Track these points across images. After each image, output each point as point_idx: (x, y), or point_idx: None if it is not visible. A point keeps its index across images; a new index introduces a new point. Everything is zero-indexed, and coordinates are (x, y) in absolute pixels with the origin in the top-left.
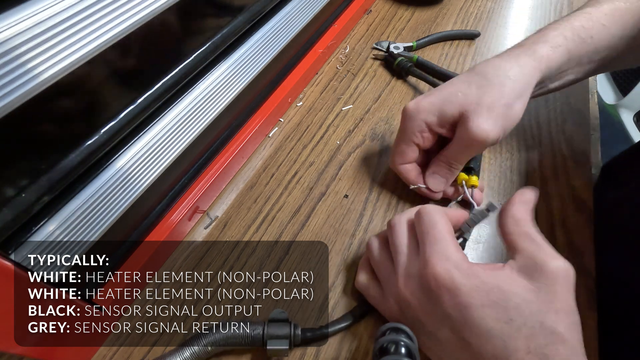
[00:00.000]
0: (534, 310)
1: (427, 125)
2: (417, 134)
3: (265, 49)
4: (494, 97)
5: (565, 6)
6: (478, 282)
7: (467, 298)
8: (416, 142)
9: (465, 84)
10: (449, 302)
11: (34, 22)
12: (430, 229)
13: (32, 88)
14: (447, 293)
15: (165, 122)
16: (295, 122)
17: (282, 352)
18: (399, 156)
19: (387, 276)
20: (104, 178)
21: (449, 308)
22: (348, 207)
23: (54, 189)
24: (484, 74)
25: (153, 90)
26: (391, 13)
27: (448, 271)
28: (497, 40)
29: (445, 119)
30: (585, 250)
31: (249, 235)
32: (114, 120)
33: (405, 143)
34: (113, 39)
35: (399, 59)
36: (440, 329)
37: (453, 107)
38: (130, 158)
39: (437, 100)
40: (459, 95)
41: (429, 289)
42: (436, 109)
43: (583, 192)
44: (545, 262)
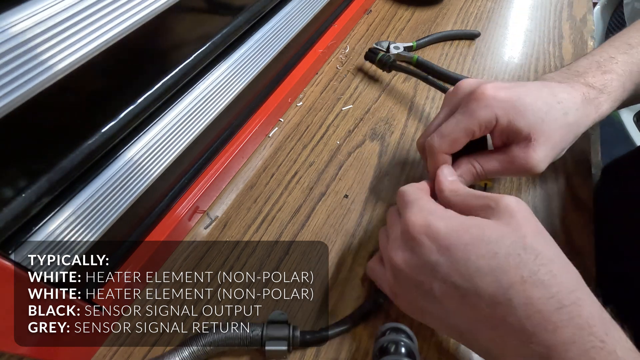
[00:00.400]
0: (513, 240)
1: (496, 123)
2: (483, 127)
3: (265, 49)
4: (562, 138)
5: (566, 6)
6: (455, 222)
7: (448, 239)
8: (476, 135)
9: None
10: (431, 248)
11: (34, 22)
12: (404, 198)
13: (31, 88)
14: (428, 238)
15: (165, 122)
16: (295, 122)
17: (280, 353)
18: (449, 143)
19: (383, 251)
20: (104, 178)
21: (433, 254)
22: (348, 207)
23: (54, 189)
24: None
25: (153, 90)
26: (391, 13)
27: (424, 218)
28: (497, 40)
29: (512, 129)
30: (585, 250)
31: (249, 235)
32: (114, 120)
33: (464, 130)
34: (112, 40)
35: (380, 54)
36: (432, 284)
37: (526, 123)
38: (130, 158)
39: (517, 102)
40: (538, 117)
41: (411, 241)
42: (513, 114)
43: (583, 191)
44: (497, 203)
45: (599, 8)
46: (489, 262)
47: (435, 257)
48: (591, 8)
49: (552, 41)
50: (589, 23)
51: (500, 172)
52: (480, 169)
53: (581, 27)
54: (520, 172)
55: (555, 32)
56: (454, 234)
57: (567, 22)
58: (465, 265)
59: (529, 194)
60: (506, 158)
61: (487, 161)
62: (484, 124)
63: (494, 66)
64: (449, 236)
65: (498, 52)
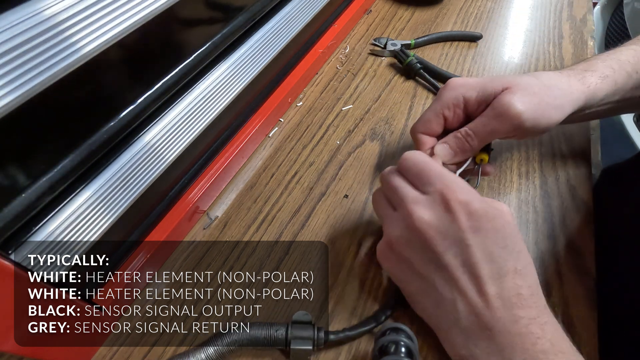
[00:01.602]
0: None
1: (464, 100)
2: (451, 105)
3: (265, 49)
4: (540, 90)
5: (566, 6)
6: (487, 207)
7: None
8: (446, 114)
9: (517, 76)
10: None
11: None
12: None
13: (32, 88)
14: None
15: (165, 122)
16: (295, 122)
17: (305, 353)
18: (422, 124)
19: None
20: (104, 178)
21: (466, 230)
22: (348, 207)
23: (54, 188)
24: (536, 75)
25: (153, 90)
26: (391, 13)
27: (465, 194)
28: (498, 41)
29: (485, 94)
30: (585, 250)
31: (249, 235)
32: (114, 120)
33: (434, 112)
34: (112, 40)
35: (410, 58)
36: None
37: (497, 84)
38: (130, 158)
39: (483, 80)
40: (509, 78)
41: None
42: (479, 87)
43: (583, 192)
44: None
45: (599, 8)
46: (501, 251)
47: (468, 235)
48: (591, 8)
49: (552, 41)
50: (589, 23)
51: (487, 125)
52: (464, 130)
53: (581, 27)
54: (504, 118)
55: (555, 32)
56: (485, 218)
57: (567, 22)
58: (487, 248)
59: (529, 194)
60: (489, 111)
61: (472, 122)
62: (450, 103)
63: (494, 66)
64: (480, 218)
65: (498, 52)
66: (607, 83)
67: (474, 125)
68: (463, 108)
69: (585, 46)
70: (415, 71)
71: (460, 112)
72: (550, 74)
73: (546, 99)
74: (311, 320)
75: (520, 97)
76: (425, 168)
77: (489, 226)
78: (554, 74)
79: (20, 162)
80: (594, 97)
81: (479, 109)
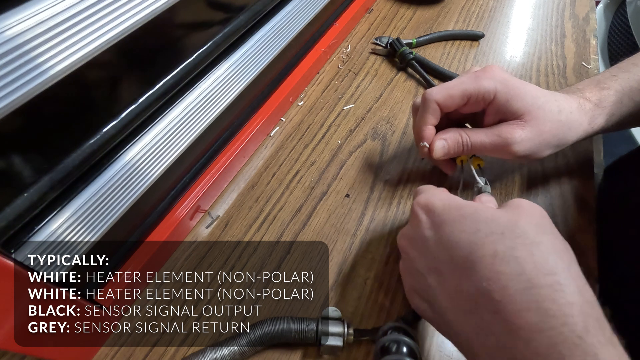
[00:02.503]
0: (502, 222)
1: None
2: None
3: (266, 48)
4: (551, 130)
5: (568, 4)
6: (452, 202)
7: (441, 215)
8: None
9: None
10: (426, 224)
11: (34, 22)
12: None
13: (33, 88)
14: (425, 215)
15: (167, 122)
16: (296, 122)
17: (335, 349)
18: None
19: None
20: (106, 177)
21: (426, 229)
22: (349, 207)
23: (55, 188)
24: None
25: (154, 89)
26: (392, 12)
27: (427, 197)
28: (500, 39)
29: (508, 108)
30: (588, 250)
31: (250, 235)
32: (116, 119)
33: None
34: (114, 39)
35: (402, 48)
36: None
37: (523, 105)
38: (132, 157)
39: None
40: (536, 103)
41: (413, 218)
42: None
43: (585, 191)
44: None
45: (602, 6)
46: (469, 236)
47: (428, 232)
48: (594, 6)
49: (554, 40)
50: (592, 22)
51: (485, 145)
52: (466, 138)
53: (584, 26)
54: (501, 147)
55: (557, 31)
56: (447, 212)
57: (569, 21)
58: (448, 238)
59: (531, 194)
60: (493, 131)
61: (475, 133)
62: (483, 91)
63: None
64: (442, 214)
65: (500, 51)
66: (610, 121)
67: (474, 139)
68: (489, 102)
69: (588, 45)
70: (407, 61)
71: (483, 105)
72: (571, 105)
73: (550, 139)
74: (341, 317)
75: (526, 136)
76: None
77: (455, 215)
78: (575, 107)
79: (22, 162)
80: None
81: (492, 116)
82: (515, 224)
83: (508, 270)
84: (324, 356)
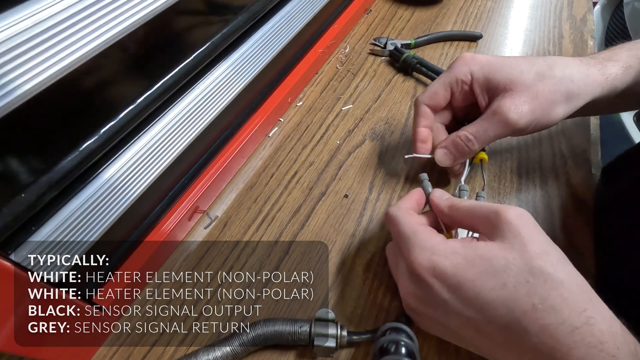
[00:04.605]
0: (519, 266)
1: (472, 78)
2: (459, 81)
3: (265, 49)
4: (545, 88)
5: (566, 6)
6: (459, 259)
7: (456, 277)
8: (454, 89)
9: (529, 64)
10: (441, 288)
11: (33, 22)
12: (399, 229)
13: (32, 88)
14: (436, 280)
15: (165, 122)
16: (295, 122)
17: (328, 350)
18: (429, 95)
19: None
20: (104, 178)
21: (444, 293)
22: (348, 207)
23: (53, 189)
24: (550, 65)
25: (153, 89)
26: (391, 13)
27: (428, 259)
28: (498, 40)
29: (491, 83)
30: (585, 251)
31: (249, 235)
32: (114, 120)
33: (443, 84)
34: (113, 39)
35: (405, 54)
36: (447, 318)
37: (504, 76)
38: (130, 158)
39: (495, 62)
40: (517, 70)
41: (419, 282)
42: (488, 70)
43: (583, 192)
44: (498, 217)
45: (599, 8)
46: (500, 292)
47: (446, 295)
48: (591, 8)
49: (552, 41)
50: (589, 23)
51: (486, 130)
52: (464, 134)
53: (581, 27)
54: (501, 124)
55: (555, 32)
56: (461, 271)
57: (567, 22)
58: (477, 299)
59: (529, 194)
60: (487, 113)
61: (471, 125)
62: (460, 77)
63: None
64: (456, 275)
65: (498, 52)
66: (629, 74)
67: (475, 130)
68: (470, 86)
69: (585, 46)
70: (412, 66)
71: (467, 89)
72: (567, 61)
73: (551, 97)
74: (334, 318)
75: (520, 103)
76: (394, 231)
77: (471, 274)
78: (572, 61)
79: (20, 162)
80: (614, 90)
81: (483, 94)
82: (532, 265)
83: (551, 320)
84: (318, 358)
